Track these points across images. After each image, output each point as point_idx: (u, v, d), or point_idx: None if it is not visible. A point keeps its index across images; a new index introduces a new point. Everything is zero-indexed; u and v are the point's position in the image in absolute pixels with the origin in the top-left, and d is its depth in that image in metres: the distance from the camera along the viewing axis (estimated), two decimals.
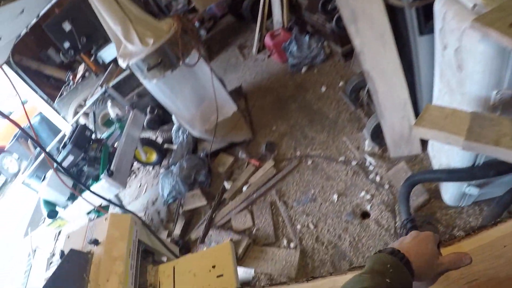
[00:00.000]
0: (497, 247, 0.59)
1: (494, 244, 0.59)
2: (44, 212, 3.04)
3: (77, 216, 3.22)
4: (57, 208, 3.08)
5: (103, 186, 2.69)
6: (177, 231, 2.90)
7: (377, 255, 0.61)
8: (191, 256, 1.51)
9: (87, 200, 2.15)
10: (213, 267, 1.31)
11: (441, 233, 1.93)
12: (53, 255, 4.62)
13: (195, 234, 2.87)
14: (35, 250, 4.20)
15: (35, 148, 3.63)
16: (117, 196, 3.01)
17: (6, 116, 1.32)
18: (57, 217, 3.08)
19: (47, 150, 3.13)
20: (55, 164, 1.82)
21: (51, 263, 4.39)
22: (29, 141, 3.69)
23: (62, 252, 1.39)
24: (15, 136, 6.40)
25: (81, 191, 2.86)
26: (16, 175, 7.13)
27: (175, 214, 3.07)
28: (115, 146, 3.25)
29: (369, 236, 2.13)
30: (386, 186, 2.30)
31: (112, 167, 2.66)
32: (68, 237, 1.51)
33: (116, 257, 1.29)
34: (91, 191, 1.72)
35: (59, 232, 4.88)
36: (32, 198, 4.24)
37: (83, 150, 2.89)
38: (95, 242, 1.33)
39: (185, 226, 2.92)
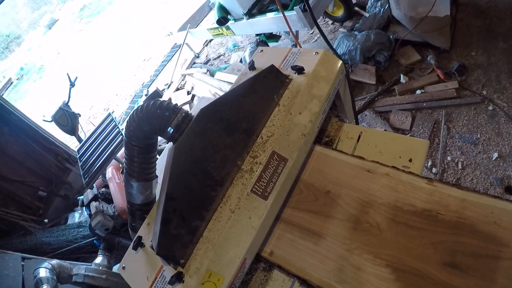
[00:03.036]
0: None
1: None
2: (215, 16, 3.08)
3: (244, 33, 3.27)
4: (229, 17, 3.10)
5: (289, 17, 2.58)
6: None
7: None
8: (382, 132, 1.41)
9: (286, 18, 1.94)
10: (400, 157, 1.20)
11: None
12: (198, 56, 5.11)
13: None
14: (182, 45, 4.54)
15: None
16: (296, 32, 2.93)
17: None
18: (225, 25, 3.13)
19: None
20: None
21: (194, 63, 4.86)
22: None
23: (252, 62, 1.32)
24: None
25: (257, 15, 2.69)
26: None
27: None
28: None
29: None
30: None
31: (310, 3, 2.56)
32: (261, 51, 1.42)
33: (315, 96, 1.19)
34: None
35: (210, 40, 5.18)
36: None
37: None
38: (300, 70, 1.21)
39: None
